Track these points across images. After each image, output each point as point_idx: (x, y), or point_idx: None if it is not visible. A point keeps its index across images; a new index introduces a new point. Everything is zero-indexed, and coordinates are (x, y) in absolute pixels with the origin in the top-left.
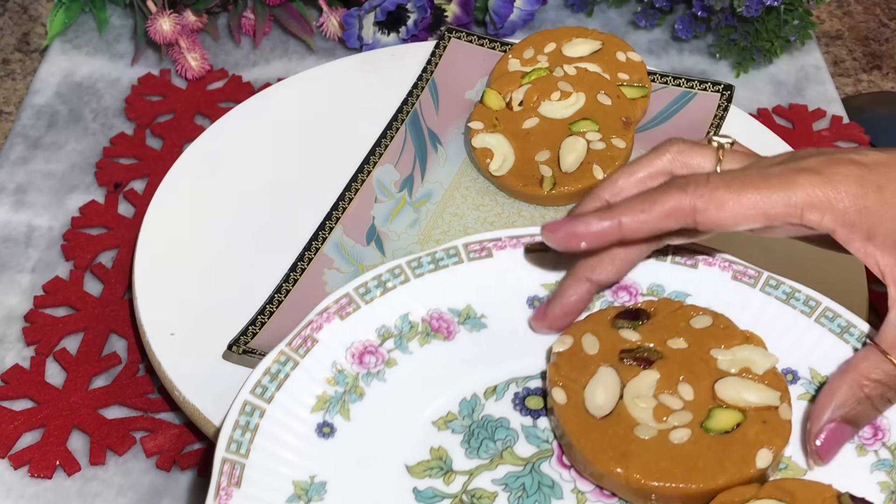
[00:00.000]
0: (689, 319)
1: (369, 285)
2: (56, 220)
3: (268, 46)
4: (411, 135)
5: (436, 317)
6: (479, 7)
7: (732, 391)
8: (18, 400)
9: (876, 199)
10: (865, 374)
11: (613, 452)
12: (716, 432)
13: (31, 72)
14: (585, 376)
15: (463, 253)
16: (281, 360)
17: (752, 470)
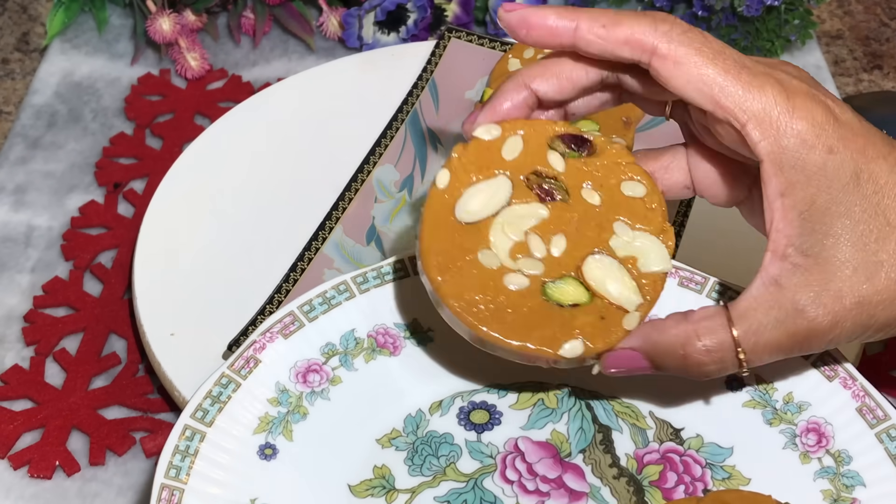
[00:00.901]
0: (623, 181)
1: (314, 302)
2: (56, 220)
3: (268, 46)
4: (411, 134)
5: (381, 332)
6: (479, 7)
7: (598, 272)
8: (18, 400)
9: (820, 160)
10: (698, 335)
11: (443, 259)
12: (549, 299)
13: (31, 71)
14: (481, 175)
15: (409, 267)
16: (222, 383)
17: (551, 352)
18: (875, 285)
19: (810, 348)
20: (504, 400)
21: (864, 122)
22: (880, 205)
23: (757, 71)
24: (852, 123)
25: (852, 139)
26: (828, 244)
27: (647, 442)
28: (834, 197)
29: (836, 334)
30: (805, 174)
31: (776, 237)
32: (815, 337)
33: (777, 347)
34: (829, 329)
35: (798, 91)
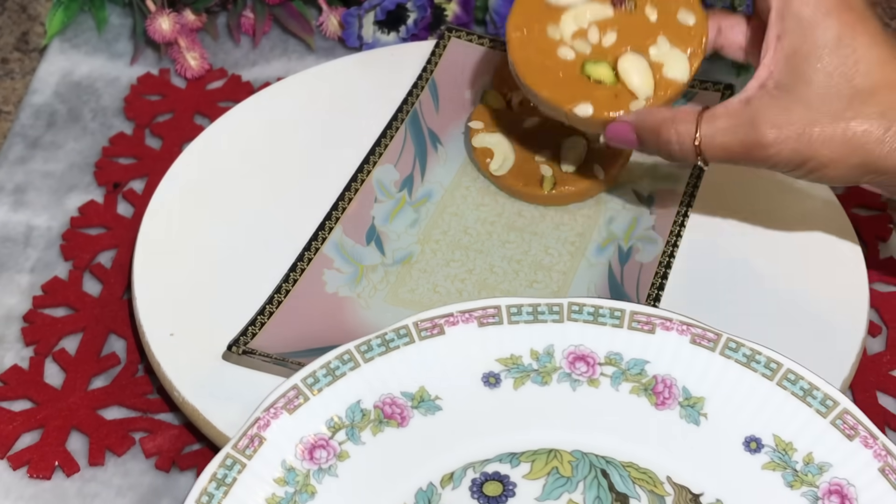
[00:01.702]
0: (681, 9)
1: (317, 374)
2: (55, 220)
3: (267, 46)
4: (411, 134)
5: (388, 402)
6: (479, 6)
7: (629, 64)
8: (17, 400)
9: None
10: (674, 121)
11: (521, 21)
12: (584, 72)
13: (30, 71)
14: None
15: (414, 332)
16: (227, 464)
17: (568, 107)
18: (821, 125)
19: (754, 158)
20: (517, 470)
21: (872, 9)
22: (850, 69)
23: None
24: (855, 4)
25: (846, 12)
26: (799, 85)
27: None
28: (815, 50)
29: (775, 151)
30: (799, 26)
31: (762, 70)
32: (758, 147)
33: (727, 148)
34: (771, 144)
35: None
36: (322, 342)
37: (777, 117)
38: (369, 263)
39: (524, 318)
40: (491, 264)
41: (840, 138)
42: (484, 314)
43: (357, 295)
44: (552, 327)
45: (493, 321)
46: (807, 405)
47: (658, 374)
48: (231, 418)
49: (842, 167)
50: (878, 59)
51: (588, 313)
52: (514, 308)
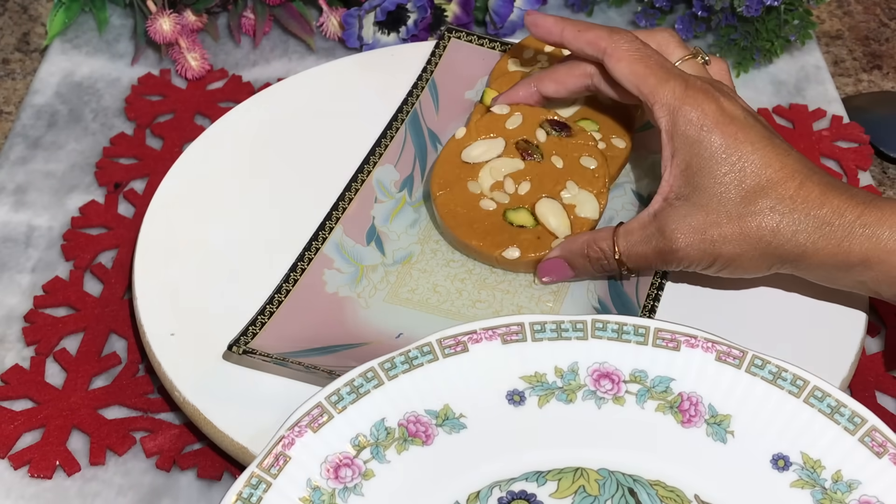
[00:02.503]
0: (583, 156)
1: (341, 392)
2: (56, 220)
3: (268, 46)
4: (411, 135)
5: (412, 420)
6: (479, 7)
7: (545, 208)
8: (18, 400)
9: (697, 135)
10: (595, 241)
11: (444, 181)
12: (506, 220)
13: (31, 72)
14: (489, 133)
15: (437, 349)
16: (253, 483)
17: (497, 252)
18: (720, 225)
19: (669, 262)
20: (544, 489)
21: (751, 116)
22: (738, 174)
23: (671, 71)
24: (734, 114)
25: (728, 125)
26: (694, 194)
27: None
28: (705, 162)
29: (685, 254)
30: (687, 143)
31: (664, 185)
32: (669, 252)
33: (643, 256)
34: (680, 248)
35: (695, 87)
36: (323, 342)
37: (681, 224)
38: (369, 263)
39: (548, 336)
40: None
41: (738, 235)
42: (507, 331)
43: (357, 295)
44: (576, 344)
45: (516, 338)
46: (834, 422)
47: (684, 391)
48: (232, 418)
49: (748, 260)
50: (762, 162)
51: (612, 330)
52: (537, 325)
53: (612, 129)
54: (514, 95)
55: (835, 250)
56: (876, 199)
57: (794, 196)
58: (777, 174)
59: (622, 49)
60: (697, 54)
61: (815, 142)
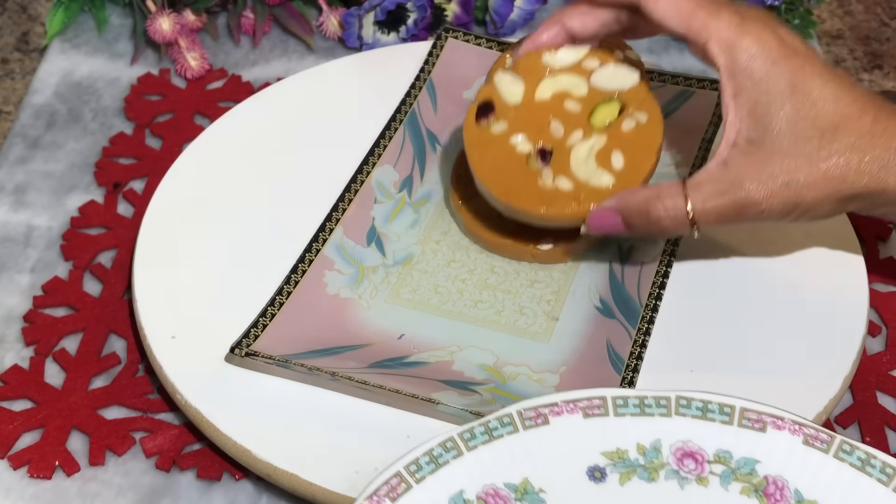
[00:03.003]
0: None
1: (420, 462)
2: (55, 220)
3: (267, 46)
4: (410, 135)
5: (492, 493)
6: (479, 6)
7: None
8: (18, 400)
9: (763, 70)
10: (660, 197)
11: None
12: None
13: (31, 71)
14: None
15: (518, 421)
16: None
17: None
18: (802, 171)
19: (747, 216)
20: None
21: (810, 47)
22: (811, 111)
23: (721, 3)
24: (796, 46)
25: (793, 57)
26: (768, 136)
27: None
28: (773, 100)
29: (767, 206)
30: (752, 81)
31: (729, 129)
32: (749, 205)
33: (719, 212)
34: (762, 200)
35: (751, 18)
36: (324, 343)
37: (759, 173)
38: (370, 264)
39: (630, 411)
40: (492, 264)
41: (822, 179)
42: (589, 405)
43: (358, 296)
44: (659, 421)
45: (598, 412)
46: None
47: (769, 474)
48: (234, 420)
49: (829, 203)
50: (833, 96)
51: (696, 408)
52: (619, 400)
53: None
54: (539, 38)
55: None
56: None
57: (871, 130)
58: (850, 108)
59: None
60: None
61: None
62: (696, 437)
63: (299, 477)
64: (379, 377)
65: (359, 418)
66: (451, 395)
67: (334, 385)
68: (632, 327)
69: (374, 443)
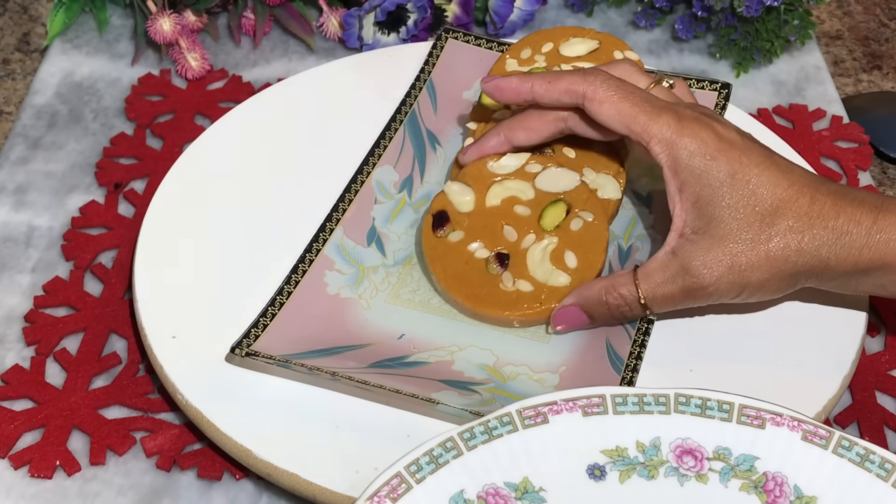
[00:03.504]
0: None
1: (420, 462)
2: (56, 220)
3: (268, 46)
4: (410, 135)
5: (492, 492)
6: (480, 7)
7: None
8: (18, 400)
9: (702, 165)
10: (614, 286)
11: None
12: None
13: (32, 72)
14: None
15: (517, 420)
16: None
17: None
18: (745, 254)
19: (697, 298)
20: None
21: (747, 138)
22: (751, 198)
23: (658, 105)
24: (732, 139)
25: (730, 150)
26: (712, 225)
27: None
28: (715, 192)
29: (714, 288)
30: (693, 175)
31: (676, 220)
32: (698, 289)
33: (670, 298)
34: (709, 284)
35: (688, 117)
36: (325, 343)
37: (706, 259)
38: (370, 264)
39: (629, 409)
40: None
41: (765, 260)
42: (588, 403)
43: (359, 296)
44: (658, 419)
45: (597, 411)
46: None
47: (769, 471)
48: (234, 420)
49: (776, 282)
50: (771, 182)
51: (695, 405)
52: (619, 398)
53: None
54: (484, 147)
55: (856, 258)
56: (887, 202)
57: (808, 212)
58: (787, 192)
59: (601, 90)
60: (661, 79)
61: (815, 142)
62: (695, 434)
63: (299, 477)
64: (379, 377)
65: (359, 418)
66: (451, 395)
67: (334, 385)
68: (631, 327)
69: (374, 443)
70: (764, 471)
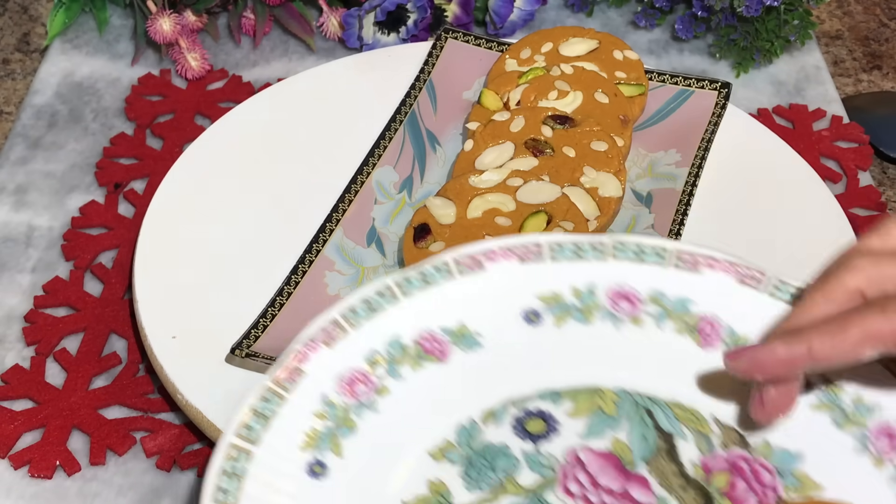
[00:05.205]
0: (592, 142)
1: (357, 309)
2: (56, 220)
3: (268, 46)
4: (410, 136)
5: (428, 337)
6: (480, 7)
7: (572, 195)
8: (18, 400)
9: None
10: None
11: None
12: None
13: (32, 72)
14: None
15: (454, 267)
16: (266, 397)
17: None
18: None
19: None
20: (560, 407)
21: None
22: None
23: None
24: None
25: None
26: None
27: (712, 448)
28: None
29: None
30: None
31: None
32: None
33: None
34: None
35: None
36: None
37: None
38: (370, 265)
39: (566, 256)
40: None
41: None
42: (525, 251)
43: None
44: (594, 265)
45: (534, 258)
46: None
47: (703, 313)
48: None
49: None
50: None
51: (631, 251)
52: (555, 245)
53: (610, 127)
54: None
55: None
56: None
57: None
58: None
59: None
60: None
61: (814, 142)
62: (630, 279)
63: None
64: None
65: None
66: None
67: None
68: None
69: None
70: (698, 313)
